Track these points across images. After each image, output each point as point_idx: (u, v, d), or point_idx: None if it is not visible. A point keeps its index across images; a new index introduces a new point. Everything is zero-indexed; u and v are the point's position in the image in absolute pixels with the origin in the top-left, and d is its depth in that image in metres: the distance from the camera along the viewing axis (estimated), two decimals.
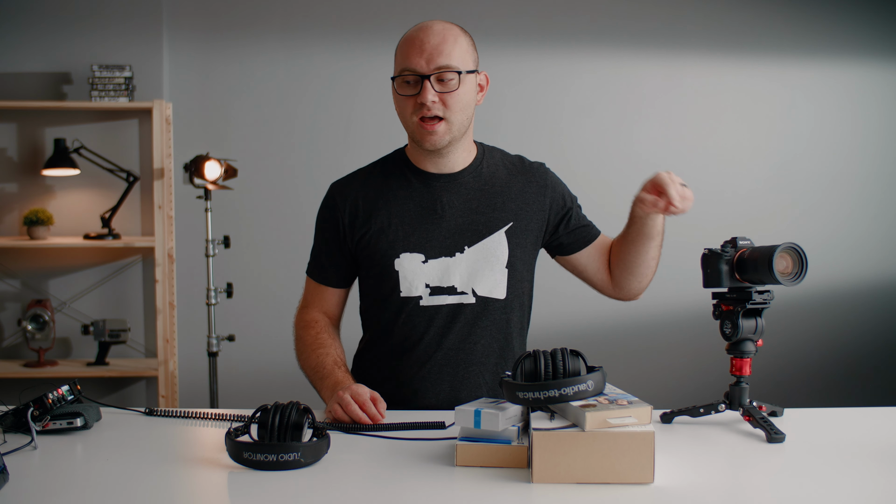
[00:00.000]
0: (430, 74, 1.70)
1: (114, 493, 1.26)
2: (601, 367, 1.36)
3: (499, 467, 1.33)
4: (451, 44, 1.72)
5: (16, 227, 3.73)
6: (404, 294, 1.80)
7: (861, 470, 1.35)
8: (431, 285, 1.80)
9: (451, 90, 1.72)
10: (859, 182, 4.07)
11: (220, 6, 3.82)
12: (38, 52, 3.68)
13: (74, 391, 1.58)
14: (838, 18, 4.00)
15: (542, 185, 1.87)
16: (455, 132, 1.75)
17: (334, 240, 1.87)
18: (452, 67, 1.71)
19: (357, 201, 1.85)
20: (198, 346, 3.75)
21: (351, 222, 1.84)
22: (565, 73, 3.94)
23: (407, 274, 1.79)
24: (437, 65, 1.70)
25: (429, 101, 1.70)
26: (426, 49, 1.70)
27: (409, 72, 1.71)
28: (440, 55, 1.70)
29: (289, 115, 3.86)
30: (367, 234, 1.82)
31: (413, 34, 1.74)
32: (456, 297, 1.79)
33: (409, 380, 1.80)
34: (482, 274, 1.79)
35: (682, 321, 3.98)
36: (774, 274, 1.47)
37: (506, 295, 1.81)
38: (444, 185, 1.82)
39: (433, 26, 1.74)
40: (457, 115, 1.74)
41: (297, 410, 1.35)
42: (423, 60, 1.70)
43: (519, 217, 1.83)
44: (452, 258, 1.80)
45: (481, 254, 1.80)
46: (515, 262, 1.82)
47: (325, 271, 1.90)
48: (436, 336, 1.80)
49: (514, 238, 1.82)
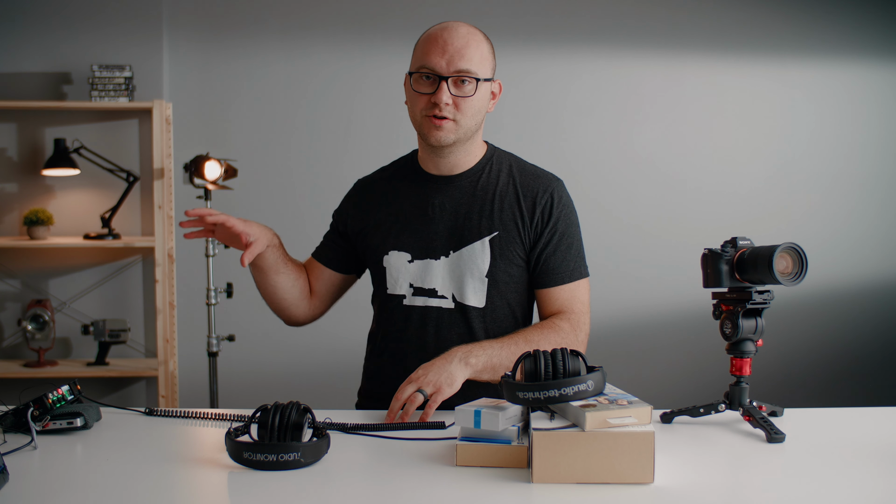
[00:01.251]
0: (449, 76, 1.70)
1: (114, 493, 1.25)
2: (601, 367, 1.36)
3: (499, 467, 1.33)
4: (474, 49, 1.71)
5: (16, 227, 3.73)
6: (390, 291, 1.84)
7: (861, 470, 1.35)
8: (415, 285, 1.81)
9: (467, 95, 1.71)
10: (859, 182, 4.07)
11: (220, 6, 3.82)
12: (38, 52, 3.68)
13: (74, 391, 1.58)
14: (838, 18, 4.00)
15: (535, 199, 1.81)
16: (462, 135, 1.75)
17: (338, 228, 1.94)
18: (472, 73, 1.70)
19: (364, 197, 1.91)
20: (198, 346, 3.75)
21: (355, 216, 1.90)
22: (565, 73, 3.94)
23: (393, 271, 1.82)
24: (457, 68, 1.69)
25: (442, 103, 1.70)
26: (448, 50, 1.70)
27: (428, 70, 1.71)
28: (461, 59, 1.69)
29: (289, 115, 3.86)
30: (366, 229, 1.88)
31: (437, 33, 1.73)
32: (436, 300, 1.81)
33: (390, 377, 1.80)
34: (462, 280, 1.79)
35: (682, 321, 3.98)
36: (774, 274, 1.47)
37: (484, 304, 1.80)
38: (439, 187, 1.83)
39: (458, 28, 1.73)
40: (467, 119, 1.74)
41: (297, 410, 1.35)
42: (444, 61, 1.69)
43: (506, 227, 1.80)
44: (437, 261, 1.80)
45: (463, 260, 1.79)
46: (497, 272, 1.79)
47: (323, 249, 1.96)
48: (414, 336, 1.82)
49: (499, 249, 1.79)
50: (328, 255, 1.94)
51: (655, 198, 3.99)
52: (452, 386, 1.61)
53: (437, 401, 1.59)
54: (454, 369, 1.63)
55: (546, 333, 1.75)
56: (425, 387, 1.60)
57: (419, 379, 1.61)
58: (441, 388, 1.60)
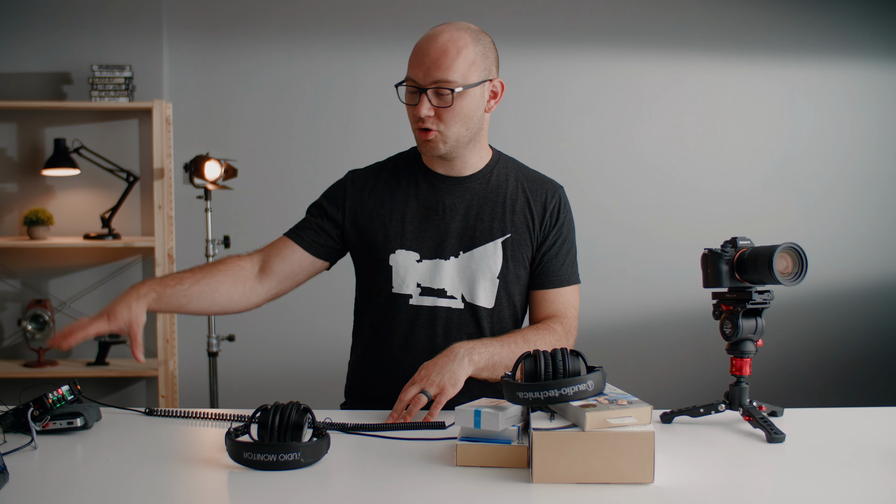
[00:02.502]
0: (427, 88, 1.69)
1: (114, 493, 1.25)
2: (601, 367, 1.36)
3: (499, 467, 1.33)
4: (453, 57, 1.69)
5: (16, 227, 3.73)
6: (395, 290, 1.81)
7: (861, 470, 1.35)
8: (422, 285, 1.80)
9: (445, 105, 1.70)
10: (859, 182, 4.07)
11: (220, 6, 3.82)
12: (38, 52, 3.68)
13: (74, 391, 1.58)
14: (838, 18, 4.00)
15: (545, 203, 1.84)
16: (451, 143, 1.75)
17: (328, 214, 1.86)
18: (449, 83, 1.68)
19: (366, 191, 1.86)
20: (198, 346, 3.75)
21: (355, 209, 1.85)
22: (565, 73, 3.94)
23: (400, 270, 1.81)
24: (434, 79, 1.69)
25: (422, 115, 1.70)
26: (425, 62, 1.69)
27: (410, 81, 1.72)
28: (437, 69, 1.68)
29: (289, 115, 3.86)
30: (368, 225, 1.84)
31: (420, 43, 1.73)
32: (445, 301, 1.80)
33: (394, 377, 1.79)
34: (473, 281, 1.79)
35: (682, 321, 3.98)
36: (774, 274, 1.47)
37: (494, 304, 1.81)
38: (449, 188, 1.83)
39: (439, 37, 1.71)
40: (451, 128, 1.73)
41: (297, 410, 1.35)
42: (422, 73, 1.69)
43: (518, 230, 1.82)
44: (446, 261, 1.80)
45: (474, 261, 1.80)
46: (508, 274, 1.81)
47: (304, 231, 1.86)
48: (422, 336, 1.81)
49: (510, 251, 1.81)
50: (310, 239, 1.85)
51: (655, 198, 3.99)
52: (456, 386, 1.61)
53: (442, 402, 1.59)
54: (457, 368, 1.63)
55: (543, 335, 1.77)
56: (429, 388, 1.60)
57: (423, 380, 1.61)
58: (445, 390, 1.60)
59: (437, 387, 1.60)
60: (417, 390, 1.60)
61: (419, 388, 1.60)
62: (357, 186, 1.88)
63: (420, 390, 1.60)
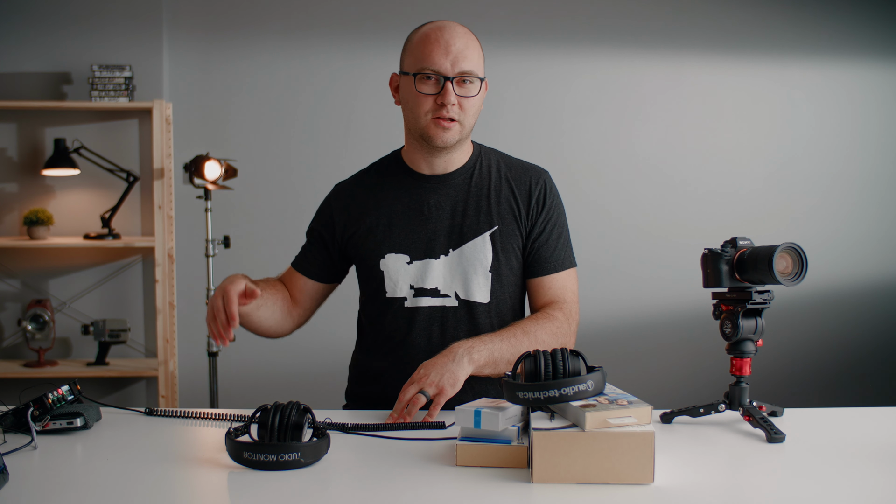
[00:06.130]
0: (454, 77, 1.71)
1: (114, 493, 1.26)
2: (601, 367, 1.36)
3: (499, 467, 1.33)
4: (474, 49, 1.74)
5: (16, 227, 3.73)
6: (389, 294, 1.82)
7: (861, 470, 1.35)
8: (415, 287, 1.81)
9: (471, 95, 1.73)
10: (859, 182, 4.07)
11: (220, 6, 3.82)
12: (38, 52, 3.68)
13: (74, 391, 1.58)
14: (838, 18, 4.00)
15: (530, 190, 1.84)
16: (465, 134, 1.78)
17: (322, 236, 1.90)
18: (475, 73, 1.73)
19: (350, 201, 1.87)
20: (198, 346, 3.75)
21: (343, 222, 1.87)
22: (565, 73, 3.94)
23: (391, 274, 1.81)
24: (462, 69, 1.71)
25: (449, 104, 1.71)
26: (451, 51, 1.71)
27: (431, 71, 1.71)
28: (465, 59, 1.71)
29: (289, 115, 3.86)
30: (357, 234, 1.85)
31: (435, 34, 1.73)
32: (439, 300, 1.80)
33: (395, 380, 1.79)
34: (465, 277, 1.80)
35: (682, 321, 3.98)
36: (774, 274, 1.47)
37: (489, 299, 1.81)
38: (433, 187, 1.83)
39: (456, 28, 1.74)
40: (470, 119, 1.76)
41: (297, 410, 1.35)
42: (448, 62, 1.70)
43: (505, 221, 1.82)
44: (436, 260, 1.80)
45: (465, 257, 1.80)
46: (500, 266, 1.81)
47: (303, 260, 1.93)
48: (419, 337, 1.81)
49: (500, 242, 1.81)
50: (309, 267, 1.91)
51: (655, 198, 3.99)
52: (455, 386, 1.61)
53: (441, 403, 1.59)
54: (456, 368, 1.63)
55: (543, 324, 1.76)
56: (428, 388, 1.60)
57: (421, 380, 1.61)
58: (444, 390, 1.60)
59: (436, 387, 1.60)
60: (416, 390, 1.60)
61: (418, 387, 1.60)
62: (341, 199, 1.89)
63: (419, 390, 1.60)
